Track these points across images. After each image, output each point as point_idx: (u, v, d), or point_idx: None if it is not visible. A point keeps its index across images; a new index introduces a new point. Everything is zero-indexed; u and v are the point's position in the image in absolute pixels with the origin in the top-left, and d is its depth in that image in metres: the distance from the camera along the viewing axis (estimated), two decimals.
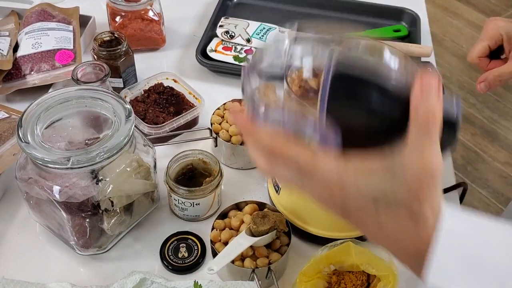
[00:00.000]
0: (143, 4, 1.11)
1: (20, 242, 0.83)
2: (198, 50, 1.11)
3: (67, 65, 1.04)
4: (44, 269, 0.79)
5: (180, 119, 0.95)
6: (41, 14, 1.11)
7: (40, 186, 0.72)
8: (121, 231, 0.81)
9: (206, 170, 0.87)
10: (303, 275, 0.72)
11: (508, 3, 2.87)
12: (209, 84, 1.09)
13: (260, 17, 1.21)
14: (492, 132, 2.24)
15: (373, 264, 0.71)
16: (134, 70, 1.04)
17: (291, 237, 0.78)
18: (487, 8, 2.84)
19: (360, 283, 0.73)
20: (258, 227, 0.74)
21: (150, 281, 0.74)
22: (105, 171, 0.73)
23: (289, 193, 0.81)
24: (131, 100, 0.98)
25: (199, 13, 1.28)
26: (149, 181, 0.81)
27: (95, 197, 0.73)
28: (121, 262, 0.81)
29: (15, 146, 0.84)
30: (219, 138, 0.91)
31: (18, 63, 1.03)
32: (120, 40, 1.01)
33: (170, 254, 0.80)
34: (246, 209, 0.81)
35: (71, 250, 0.81)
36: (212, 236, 0.78)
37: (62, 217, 0.75)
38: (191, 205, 0.83)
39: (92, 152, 0.69)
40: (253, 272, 0.74)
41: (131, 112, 0.75)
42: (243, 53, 1.10)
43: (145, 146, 0.80)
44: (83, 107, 0.77)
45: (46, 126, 0.74)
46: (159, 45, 1.17)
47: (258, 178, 0.93)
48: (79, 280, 0.76)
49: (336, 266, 0.74)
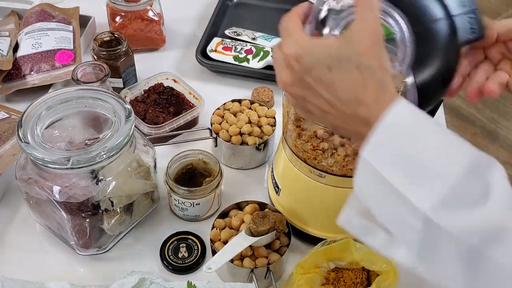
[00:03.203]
0: (143, 4, 1.11)
1: (20, 242, 0.83)
2: (198, 50, 1.11)
3: (67, 65, 1.04)
4: (44, 269, 0.79)
5: (180, 119, 0.95)
6: (41, 14, 1.11)
7: (40, 186, 0.72)
8: (121, 231, 0.81)
9: (206, 170, 0.87)
10: (300, 267, 0.72)
11: (508, 3, 2.87)
12: (209, 84, 1.09)
13: (260, 17, 1.22)
14: (493, 132, 2.24)
15: (373, 261, 0.71)
16: (134, 70, 1.04)
17: (291, 237, 0.78)
18: (487, 8, 2.84)
19: (359, 281, 0.73)
20: (257, 227, 0.74)
21: (149, 281, 0.74)
22: (105, 171, 0.73)
23: (289, 194, 0.81)
24: (131, 100, 0.98)
25: (199, 13, 1.28)
26: (149, 181, 0.81)
27: (95, 197, 0.73)
28: (121, 262, 0.81)
29: (15, 146, 0.84)
30: (219, 138, 0.91)
31: (18, 63, 1.03)
32: (120, 40, 1.01)
33: (170, 254, 0.80)
34: (246, 209, 0.81)
35: (71, 250, 0.81)
36: (212, 235, 0.78)
37: (62, 217, 0.75)
38: (191, 205, 0.83)
39: (92, 152, 0.70)
40: (252, 272, 0.74)
41: (131, 112, 0.75)
42: (243, 53, 1.11)
43: (145, 146, 0.80)
44: (83, 107, 0.77)
45: (46, 126, 0.74)
46: (159, 45, 1.17)
47: (258, 178, 0.93)
48: (79, 280, 0.76)
49: (336, 263, 0.74)
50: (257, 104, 0.96)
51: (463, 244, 0.45)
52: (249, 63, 1.09)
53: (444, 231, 0.46)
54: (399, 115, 0.49)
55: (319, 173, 0.73)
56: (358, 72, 0.50)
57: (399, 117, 0.49)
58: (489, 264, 0.45)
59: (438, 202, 0.46)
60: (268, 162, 0.95)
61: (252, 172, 0.94)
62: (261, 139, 0.91)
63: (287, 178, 0.80)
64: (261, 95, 1.01)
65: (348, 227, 0.54)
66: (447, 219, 0.46)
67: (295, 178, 0.77)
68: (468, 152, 0.48)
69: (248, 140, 0.90)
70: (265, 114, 0.94)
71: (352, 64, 0.50)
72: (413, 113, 0.50)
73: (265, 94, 1.01)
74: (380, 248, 0.52)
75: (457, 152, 0.48)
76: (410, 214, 0.47)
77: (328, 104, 0.52)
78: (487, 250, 0.45)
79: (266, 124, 0.92)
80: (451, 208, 0.46)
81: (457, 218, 0.46)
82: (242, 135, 0.91)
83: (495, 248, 0.45)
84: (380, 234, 0.52)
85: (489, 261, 0.45)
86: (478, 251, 0.45)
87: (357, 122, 0.51)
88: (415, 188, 0.47)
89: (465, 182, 0.46)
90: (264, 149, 0.93)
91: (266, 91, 1.01)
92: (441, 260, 0.48)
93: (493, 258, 0.45)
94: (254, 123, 0.92)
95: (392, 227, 0.50)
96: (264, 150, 0.93)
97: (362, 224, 0.53)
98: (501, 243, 0.45)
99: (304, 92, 0.53)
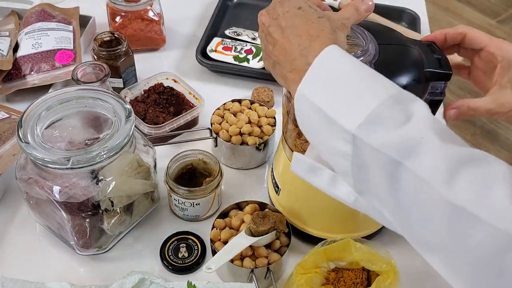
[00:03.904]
0: (143, 4, 1.11)
1: (20, 242, 0.83)
2: (198, 50, 1.11)
3: (67, 65, 1.04)
4: (44, 269, 0.79)
5: (180, 119, 0.95)
6: (41, 14, 1.11)
7: (40, 186, 0.72)
8: (121, 231, 0.81)
9: (206, 170, 0.87)
10: (300, 267, 0.72)
11: (508, 3, 2.87)
12: (209, 84, 1.09)
13: None
14: (493, 132, 2.24)
15: (373, 261, 0.71)
16: (134, 70, 1.04)
17: (291, 238, 0.78)
18: (487, 8, 2.84)
19: (359, 281, 0.73)
20: (258, 227, 0.74)
21: (149, 281, 0.74)
22: (105, 171, 0.73)
23: (289, 194, 0.81)
24: (131, 100, 0.98)
25: (199, 13, 1.28)
26: (149, 181, 0.81)
27: (95, 197, 0.73)
28: (121, 262, 0.81)
29: (15, 146, 0.84)
30: (219, 138, 0.91)
31: (18, 63, 1.03)
32: (120, 40, 1.01)
33: (170, 254, 0.80)
34: (247, 209, 0.81)
35: (71, 250, 0.81)
36: (212, 235, 0.78)
37: (62, 217, 0.75)
38: (191, 205, 0.83)
39: (92, 152, 0.70)
40: (252, 272, 0.74)
41: (131, 112, 0.75)
42: (243, 53, 1.11)
43: (145, 146, 0.80)
44: (83, 107, 0.77)
45: (46, 126, 0.74)
46: (159, 45, 1.17)
47: (258, 178, 0.93)
48: (79, 280, 0.76)
49: (336, 263, 0.74)
50: (257, 104, 0.96)
51: (386, 159, 0.49)
52: (249, 63, 1.09)
53: (369, 147, 0.50)
54: (333, 53, 0.55)
55: None
56: (319, 20, 0.58)
57: (332, 55, 0.55)
58: (407, 175, 0.49)
59: (363, 122, 0.50)
60: (268, 162, 0.95)
61: (252, 172, 0.94)
62: (261, 139, 0.91)
63: (287, 178, 0.80)
64: (261, 95, 1.01)
65: (298, 169, 0.61)
66: (371, 135, 0.50)
67: (295, 178, 0.76)
68: (392, 86, 0.53)
69: (248, 140, 0.90)
70: (265, 114, 0.94)
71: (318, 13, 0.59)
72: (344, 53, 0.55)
73: (265, 94, 1.01)
74: (325, 187, 0.58)
75: (382, 85, 0.53)
76: (339, 137, 0.52)
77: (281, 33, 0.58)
78: (405, 162, 0.49)
79: (266, 124, 0.92)
80: (374, 126, 0.50)
81: (380, 135, 0.50)
82: (242, 135, 0.91)
83: (412, 161, 0.48)
84: (325, 172, 0.58)
85: (407, 173, 0.49)
86: (398, 164, 0.49)
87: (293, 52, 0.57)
88: (342, 111, 0.52)
89: (388, 107, 0.51)
90: (264, 149, 0.93)
91: (266, 91, 1.02)
92: (371, 183, 0.52)
93: (410, 170, 0.48)
94: (254, 123, 0.92)
95: (328, 156, 0.55)
96: (264, 150, 0.93)
97: (310, 164, 0.59)
98: (417, 156, 0.48)
99: (270, 21, 0.61)
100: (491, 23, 2.74)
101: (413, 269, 0.78)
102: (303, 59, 0.56)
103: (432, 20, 1.31)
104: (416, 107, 0.51)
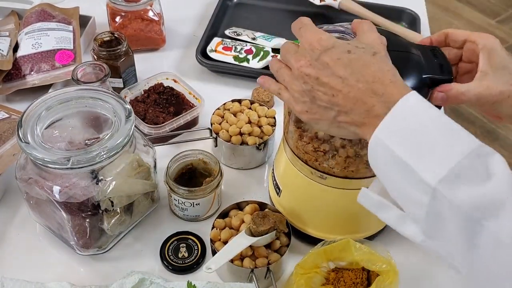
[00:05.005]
0: (143, 4, 1.11)
1: (20, 242, 0.83)
2: (198, 50, 1.11)
3: (67, 65, 1.04)
4: (44, 269, 0.79)
5: (180, 119, 0.95)
6: (41, 14, 1.11)
7: (40, 186, 0.72)
8: (121, 231, 0.81)
9: (206, 170, 0.87)
10: (300, 267, 0.72)
11: (508, 3, 2.87)
12: (209, 84, 1.09)
13: (260, 17, 1.22)
14: (493, 132, 2.24)
15: (373, 261, 0.71)
16: (134, 70, 1.04)
17: (291, 238, 0.78)
18: (487, 8, 2.84)
19: (359, 281, 0.73)
20: (258, 227, 0.74)
21: (149, 281, 0.74)
22: (105, 171, 0.73)
23: (290, 195, 0.81)
24: (131, 100, 0.98)
25: (199, 13, 1.28)
26: (149, 181, 0.81)
27: (95, 197, 0.73)
28: (121, 262, 0.81)
29: (15, 146, 0.84)
30: (219, 138, 0.91)
31: (18, 63, 1.03)
32: (120, 40, 1.01)
33: (170, 254, 0.80)
34: (247, 209, 0.81)
35: (71, 250, 0.81)
36: (212, 235, 0.78)
37: (62, 217, 0.75)
38: (191, 205, 0.83)
39: (92, 152, 0.70)
40: (252, 272, 0.74)
41: (131, 112, 0.75)
42: (243, 53, 1.11)
43: (145, 146, 0.80)
44: (83, 107, 0.77)
45: (46, 126, 0.74)
46: (159, 45, 1.17)
47: (258, 178, 0.93)
48: (79, 280, 0.76)
49: (335, 263, 0.74)
50: (257, 104, 0.96)
51: (465, 216, 0.49)
52: (249, 63, 1.09)
53: (449, 202, 0.50)
54: (413, 100, 0.54)
55: (320, 174, 0.73)
56: (375, 58, 0.57)
57: (412, 102, 0.54)
58: (487, 236, 0.49)
59: (444, 176, 0.50)
60: (268, 162, 0.95)
61: (252, 172, 0.94)
62: (261, 139, 0.91)
63: (288, 179, 0.80)
64: (261, 95, 1.01)
65: (366, 203, 0.60)
66: (452, 192, 0.50)
67: (296, 179, 0.77)
68: (472, 140, 0.52)
69: (248, 140, 0.90)
70: (265, 114, 0.94)
71: (369, 51, 0.57)
72: (424, 102, 0.54)
73: (265, 94, 1.01)
74: (392, 223, 0.58)
75: (463, 137, 0.53)
76: (418, 187, 0.51)
77: (341, 81, 0.56)
78: (486, 223, 0.49)
79: (266, 124, 0.92)
80: (456, 182, 0.50)
81: (461, 192, 0.50)
82: (242, 135, 0.91)
83: (494, 222, 0.49)
84: (394, 210, 0.57)
85: (487, 233, 0.49)
86: (478, 224, 0.49)
87: (368, 100, 0.55)
88: (423, 163, 0.51)
89: (469, 162, 0.50)
90: (264, 149, 0.93)
91: (266, 91, 1.02)
92: (445, 233, 0.52)
93: (491, 231, 0.49)
94: (254, 123, 0.92)
95: (401, 201, 0.55)
96: (264, 150, 0.93)
97: (378, 200, 0.59)
98: (499, 217, 0.49)
99: (319, 72, 0.57)
100: (491, 23, 2.74)
101: (413, 269, 0.78)
102: (381, 105, 0.55)
103: (432, 20, 1.31)
104: (496, 162, 0.51)
